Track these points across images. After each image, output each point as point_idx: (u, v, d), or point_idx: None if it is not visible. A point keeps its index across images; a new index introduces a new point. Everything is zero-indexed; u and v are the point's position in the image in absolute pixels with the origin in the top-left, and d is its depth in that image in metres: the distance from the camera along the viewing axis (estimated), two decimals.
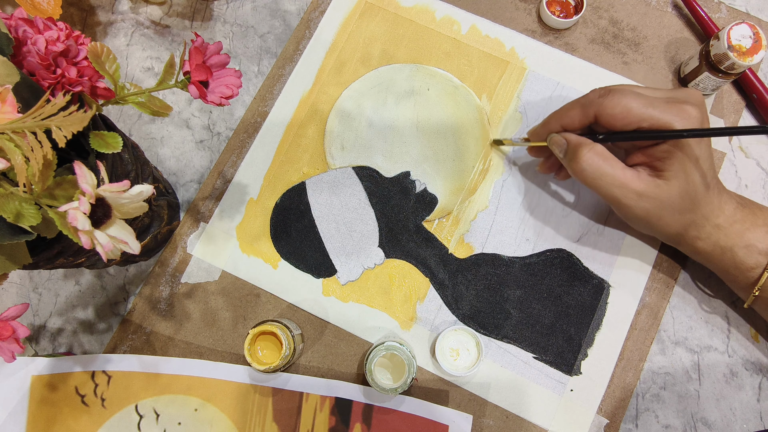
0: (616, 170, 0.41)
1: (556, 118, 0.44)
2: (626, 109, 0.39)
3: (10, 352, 0.31)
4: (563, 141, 0.43)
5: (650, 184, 0.40)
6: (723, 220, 0.42)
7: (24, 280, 0.51)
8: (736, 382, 0.47)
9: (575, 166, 0.42)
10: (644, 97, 0.40)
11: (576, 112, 0.42)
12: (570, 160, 0.42)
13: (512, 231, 0.50)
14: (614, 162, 0.41)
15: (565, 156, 0.43)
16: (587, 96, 0.42)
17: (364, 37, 0.55)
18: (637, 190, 0.40)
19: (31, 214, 0.27)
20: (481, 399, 0.47)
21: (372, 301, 0.49)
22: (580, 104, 0.42)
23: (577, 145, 0.42)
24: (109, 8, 0.57)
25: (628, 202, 0.41)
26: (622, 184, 0.40)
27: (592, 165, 0.41)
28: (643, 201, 0.41)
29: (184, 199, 0.52)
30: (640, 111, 0.39)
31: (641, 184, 0.40)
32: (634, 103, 0.39)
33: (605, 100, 0.40)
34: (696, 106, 0.39)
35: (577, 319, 0.48)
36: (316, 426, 0.46)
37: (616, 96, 0.40)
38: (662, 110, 0.39)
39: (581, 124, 0.42)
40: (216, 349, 0.48)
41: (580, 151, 0.41)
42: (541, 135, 0.46)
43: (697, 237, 0.42)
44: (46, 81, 0.31)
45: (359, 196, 0.51)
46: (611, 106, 0.40)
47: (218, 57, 0.36)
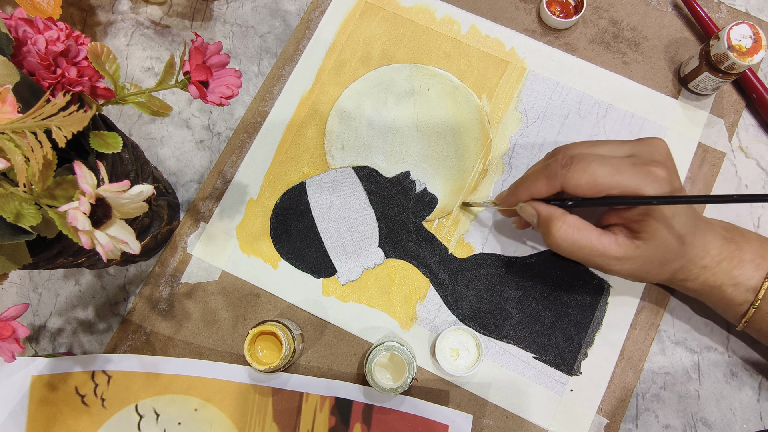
0: (592, 240, 0.40)
1: (524, 188, 0.43)
2: (592, 179, 0.38)
3: (10, 352, 0.31)
4: (533, 212, 0.42)
5: (629, 248, 0.40)
6: (709, 261, 0.41)
7: (24, 280, 0.51)
8: (736, 382, 0.47)
9: (550, 240, 0.41)
10: (609, 163, 0.38)
11: (542, 184, 0.41)
12: (544, 234, 0.41)
13: (512, 231, 0.50)
14: (589, 231, 0.40)
15: (538, 227, 0.42)
16: (550, 167, 0.40)
17: (364, 37, 0.55)
18: (616, 256, 0.40)
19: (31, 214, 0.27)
20: (481, 399, 0.47)
21: (372, 301, 0.49)
22: (545, 176, 0.41)
23: (547, 217, 0.41)
24: (109, 8, 0.57)
25: (611, 267, 0.41)
26: (600, 253, 0.40)
27: (568, 239, 0.40)
28: (626, 264, 0.40)
29: (184, 199, 0.52)
30: (607, 180, 0.38)
31: (620, 249, 0.40)
32: (600, 170, 0.38)
33: (569, 172, 0.39)
34: (662, 166, 0.38)
35: (577, 319, 0.48)
36: (316, 426, 0.46)
37: (580, 166, 0.38)
38: (630, 175, 0.37)
39: (548, 194, 0.41)
40: (216, 349, 0.48)
41: (553, 226, 0.40)
42: (509, 202, 0.45)
43: (686, 279, 0.42)
44: (46, 81, 0.31)
45: (359, 196, 0.51)
46: (576, 177, 0.38)
47: (218, 57, 0.36)
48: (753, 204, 0.51)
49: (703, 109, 0.52)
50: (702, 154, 0.51)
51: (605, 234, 0.40)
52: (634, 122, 0.52)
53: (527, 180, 0.42)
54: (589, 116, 0.52)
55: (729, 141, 0.52)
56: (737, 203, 0.37)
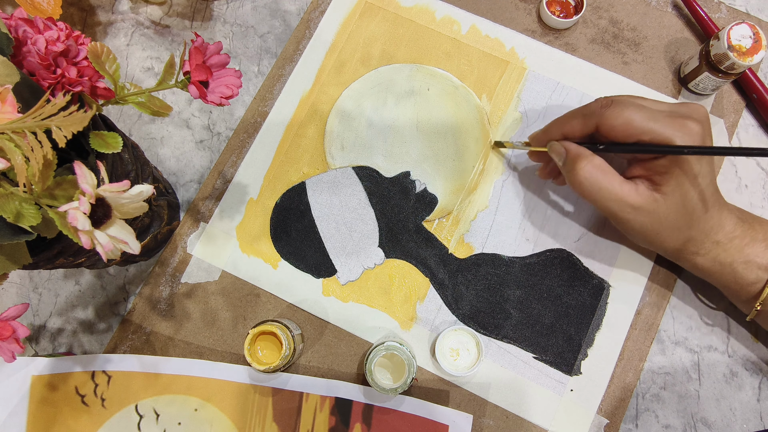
0: (613, 184, 0.40)
1: (557, 125, 0.43)
2: (627, 122, 0.39)
3: (10, 352, 0.31)
4: (563, 150, 0.42)
5: (648, 199, 0.40)
6: (722, 236, 0.41)
7: (24, 280, 0.51)
8: (736, 382, 0.47)
9: (573, 178, 0.41)
10: (647, 110, 0.39)
11: (577, 122, 0.42)
12: (568, 171, 0.42)
13: (512, 231, 0.50)
14: (612, 175, 0.40)
15: (564, 165, 0.42)
16: (590, 106, 0.41)
17: (364, 37, 0.55)
18: (634, 204, 0.40)
19: (31, 214, 0.27)
20: (481, 399, 0.47)
21: (372, 301, 0.49)
22: (582, 114, 0.41)
23: (575, 156, 0.41)
24: (109, 8, 0.57)
25: (625, 216, 0.41)
26: (618, 198, 0.40)
27: (590, 178, 0.40)
28: (640, 215, 0.40)
29: (184, 199, 0.52)
30: (642, 124, 0.38)
31: (638, 198, 0.40)
32: (636, 115, 0.39)
33: (607, 111, 0.40)
34: (698, 122, 0.39)
35: (577, 319, 0.48)
36: (316, 426, 0.46)
37: (618, 107, 0.39)
38: (664, 124, 0.38)
39: (582, 134, 0.42)
40: (216, 349, 0.48)
41: (579, 163, 0.41)
42: (541, 141, 0.45)
43: (696, 253, 0.42)
44: (46, 81, 0.31)
45: (359, 196, 0.51)
46: (613, 117, 0.39)
47: (218, 57, 0.36)
48: (753, 203, 0.51)
49: None
50: None
51: (627, 182, 0.41)
52: None
53: (563, 118, 0.43)
54: None
55: (729, 141, 0.52)
56: None
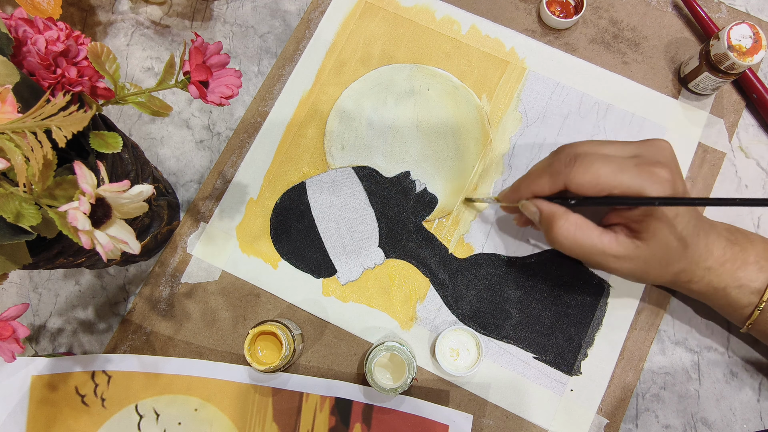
0: (593, 239, 0.40)
1: (526, 184, 0.43)
2: (595, 178, 0.38)
3: (10, 352, 0.31)
4: (535, 209, 0.42)
5: (629, 247, 0.40)
6: (713, 262, 0.41)
7: (24, 280, 0.51)
8: (736, 382, 0.47)
9: (551, 238, 0.41)
10: (612, 162, 0.38)
11: (545, 181, 0.41)
12: (546, 231, 0.42)
13: (512, 231, 0.50)
14: (590, 230, 0.40)
15: (540, 224, 0.42)
16: (554, 165, 0.40)
17: (364, 37, 0.55)
18: (616, 255, 0.40)
19: (31, 214, 0.27)
20: (481, 399, 0.47)
21: (372, 301, 0.49)
22: (548, 173, 0.41)
23: (549, 215, 0.41)
24: (109, 8, 0.57)
25: (611, 266, 0.41)
26: (600, 251, 0.40)
27: (569, 238, 0.40)
28: (625, 263, 0.40)
29: (184, 199, 0.52)
30: (610, 179, 0.38)
31: (620, 248, 0.40)
32: (603, 170, 0.38)
33: (572, 170, 0.39)
34: (666, 167, 0.38)
35: (577, 319, 0.48)
36: (316, 426, 0.46)
37: (584, 164, 0.39)
38: (632, 175, 0.37)
39: (551, 192, 0.41)
40: (216, 349, 0.48)
41: (555, 224, 0.40)
42: (511, 199, 0.45)
43: (690, 281, 0.42)
44: (46, 81, 0.31)
45: (359, 196, 0.51)
46: (579, 175, 0.38)
47: (218, 57, 0.36)
48: None
49: (703, 109, 0.52)
50: (702, 155, 0.51)
51: (606, 233, 0.40)
52: (634, 122, 0.52)
53: (530, 177, 0.42)
54: (589, 116, 0.52)
55: (729, 141, 0.52)
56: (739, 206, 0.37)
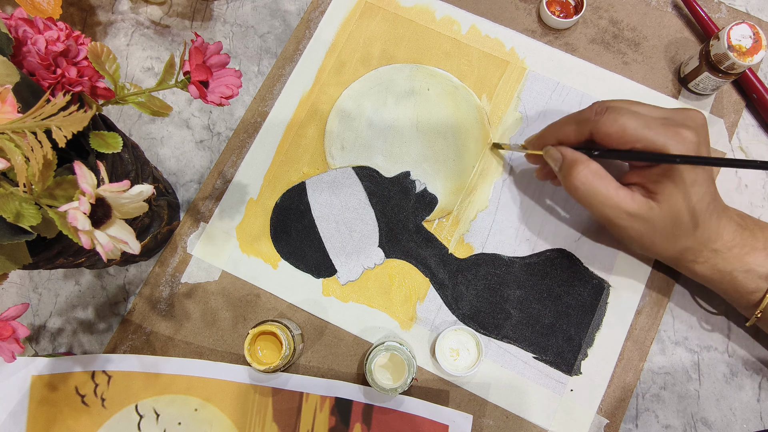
0: (609, 190, 0.40)
1: (552, 131, 0.43)
2: (621, 129, 0.39)
3: (10, 352, 0.31)
4: (559, 155, 0.42)
5: (643, 206, 0.40)
6: (721, 245, 0.41)
7: (24, 280, 0.51)
8: (736, 382, 0.47)
9: (569, 183, 0.41)
10: (641, 118, 0.39)
11: (571, 128, 0.41)
12: (564, 176, 0.42)
13: (512, 231, 0.50)
14: (608, 181, 0.40)
15: (561, 170, 0.42)
16: (584, 112, 0.41)
17: (364, 37, 0.55)
18: (629, 210, 0.40)
19: (31, 214, 0.27)
20: (481, 399, 0.47)
21: (372, 301, 0.49)
22: (576, 120, 0.41)
23: (572, 161, 0.41)
24: (109, 8, 0.57)
25: (620, 222, 0.40)
26: (614, 204, 0.40)
27: (586, 183, 0.40)
28: (636, 222, 0.40)
29: (184, 199, 0.52)
30: (636, 132, 0.38)
31: (634, 205, 0.40)
32: (631, 123, 0.38)
33: (601, 119, 0.40)
34: (693, 130, 0.38)
35: (577, 319, 0.48)
36: (316, 426, 0.46)
37: (613, 114, 0.39)
38: (658, 132, 0.38)
39: (576, 140, 0.42)
40: (216, 349, 0.48)
41: (575, 168, 0.41)
42: (537, 145, 0.45)
43: (694, 261, 0.42)
44: (46, 81, 0.31)
45: (359, 196, 0.51)
46: (607, 124, 0.39)
47: (218, 57, 0.36)
48: (753, 203, 0.51)
49: (703, 109, 0.52)
50: None
51: (623, 188, 0.40)
52: None
53: (558, 124, 0.43)
54: None
55: (729, 141, 0.52)
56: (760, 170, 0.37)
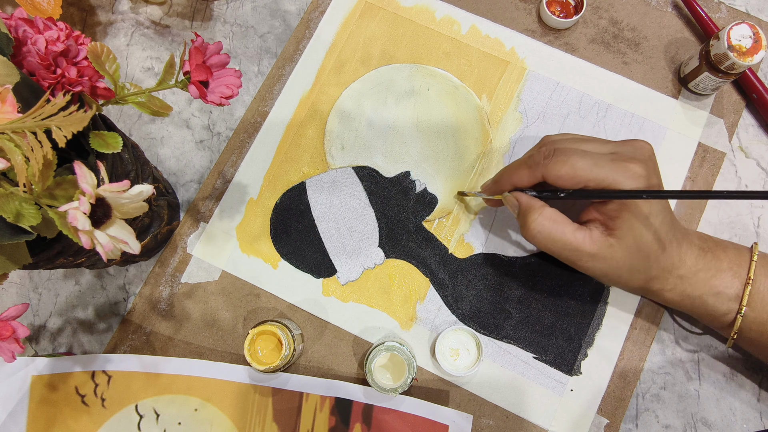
0: (566, 234, 0.40)
1: (507, 176, 0.43)
2: (572, 170, 0.39)
3: (10, 352, 0.31)
4: (515, 202, 0.43)
5: (603, 245, 0.40)
6: (685, 271, 0.41)
7: (24, 280, 0.51)
8: (736, 382, 0.47)
9: (526, 231, 0.41)
10: (589, 156, 0.39)
11: (524, 173, 0.42)
12: (522, 224, 0.42)
13: (512, 231, 0.50)
14: (565, 225, 0.40)
15: (518, 217, 0.42)
16: (534, 156, 0.41)
17: (364, 37, 0.55)
18: (589, 252, 0.40)
19: (31, 214, 0.27)
20: (481, 399, 0.47)
21: (372, 301, 0.49)
22: (528, 165, 0.41)
23: (526, 208, 0.41)
24: (109, 8, 0.57)
25: (583, 264, 0.41)
26: (573, 248, 0.40)
27: (542, 231, 0.40)
28: (598, 262, 0.40)
29: (184, 199, 0.52)
30: (585, 172, 0.38)
31: (593, 246, 0.40)
32: (579, 163, 0.39)
33: (550, 162, 0.40)
34: (641, 163, 0.39)
35: (577, 319, 0.48)
36: (316, 426, 0.46)
37: (561, 157, 0.39)
38: (608, 170, 0.38)
39: (530, 184, 0.42)
40: (216, 349, 0.48)
41: (530, 216, 0.41)
42: (493, 191, 0.45)
43: (663, 289, 0.42)
44: (46, 81, 0.31)
45: (359, 196, 0.51)
46: (557, 167, 0.39)
47: (218, 57, 0.36)
48: (753, 203, 0.51)
49: (703, 109, 0.52)
50: (702, 154, 0.51)
51: (581, 229, 0.41)
52: (634, 122, 0.52)
53: (510, 168, 0.43)
54: (589, 116, 0.52)
55: (729, 141, 0.52)
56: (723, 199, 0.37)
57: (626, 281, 0.41)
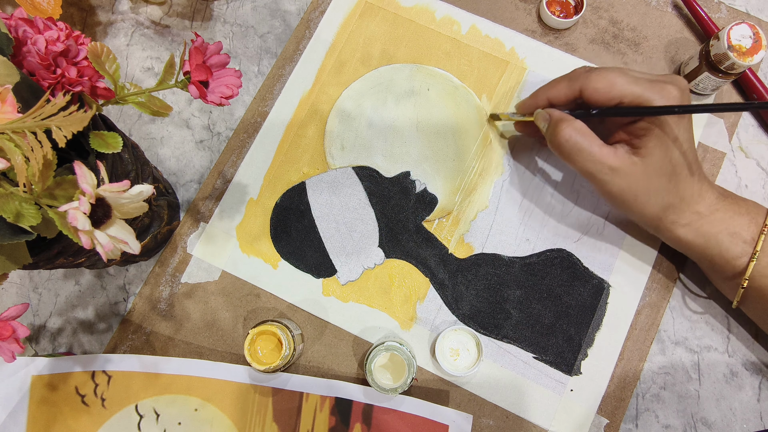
0: (592, 146, 0.41)
1: (544, 90, 0.45)
2: (609, 84, 0.40)
3: (10, 352, 0.31)
4: (547, 116, 0.44)
5: (626, 161, 0.41)
6: (704, 208, 0.42)
7: (24, 280, 0.51)
8: (736, 382, 0.47)
9: (554, 140, 0.43)
10: (628, 75, 0.41)
11: (562, 86, 0.43)
12: (550, 135, 0.43)
13: (512, 231, 0.50)
14: (592, 138, 0.42)
15: (547, 131, 0.44)
16: (575, 70, 0.44)
17: (364, 37, 0.55)
18: (611, 165, 0.41)
19: (31, 214, 0.27)
20: (481, 399, 0.47)
21: (372, 301, 0.49)
22: (567, 78, 0.43)
23: (557, 120, 0.43)
24: (109, 8, 0.57)
25: (603, 177, 0.41)
26: (597, 159, 0.41)
27: (570, 140, 0.41)
28: (618, 177, 0.41)
29: (184, 199, 0.52)
30: (623, 87, 0.40)
31: (616, 160, 0.41)
32: (618, 79, 0.40)
33: (591, 75, 0.41)
34: (678, 88, 0.40)
35: (577, 319, 0.48)
36: (316, 426, 0.46)
37: (602, 72, 0.41)
38: (644, 88, 0.40)
39: (567, 98, 0.43)
40: (216, 349, 0.48)
41: (560, 126, 0.42)
42: (529, 107, 0.47)
43: (677, 222, 0.42)
44: (46, 81, 0.31)
45: (359, 196, 0.51)
46: (596, 80, 0.41)
47: (218, 57, 0.36)
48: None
49: None
50: (702, 154, 0.51)
51: (606, 145, 0.42)
52: None
53: (549, 84, 0.45)
54: None
55: (729, 141, 0.52)
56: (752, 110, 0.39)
57: (642, 205, 0.42)
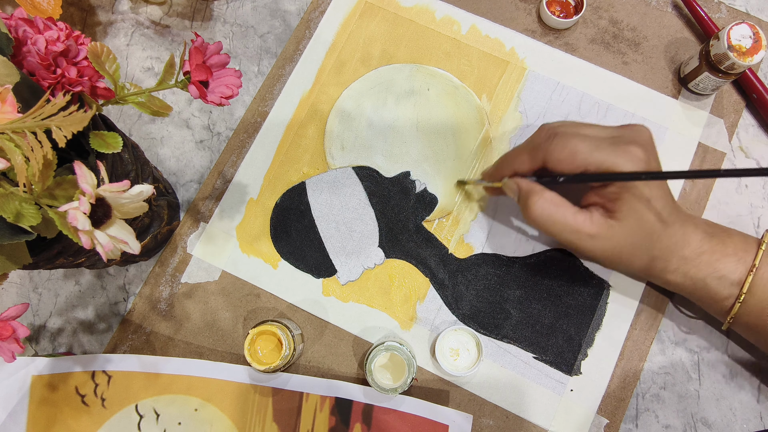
0: (566, 216, 0.40)
1: (507, 162, 0.44)
2: (571, 154, 0.39)
3: (10, 352, 0.31)
4: (515, 187, 0.43)
5: (603, 226, 0.40)
6: (689, 252, 0.41)
7: (24, 280, 0.51)
8: (736, 382, 0.47)
9: (527, 214, 0.42)
10: (590, 140, 0.39)
11: (525, 158, 0.42)
12: (523, 208, 0.42)
13: (512, 231, 0.50)
14: (565, 208, 0.41)
15: (519, 202, 0.43)
16: (534, 139, 0.42)
17: (364, 37, 0.55)
18: (590, 233, 0.40)
19: (31, 214, 0.27)
20: (481, 399, 0.47)
21: (372, 301, 0.49)
22: (528, 150, 0.42)
23: (527, 192, 0.42)
24: (109, 8, 0.57)
25: (584, 245, 0.41)
26: (574, 229, 0.40)
27: (543, 214, 0.41)
28: (598, 242, 0.40)
29: (184, 199, 0.52)
30: (585, 156, 0.39)
31: (593, 227, 0.40)
32: (580, 146, 0.39)
33: (551, 145, 0.40)
34: (641, 147, 0.39)
35: (577, 319, 0.48)
36: (316, 426, 0.46)
37: (562, 140, 0.40)
38: (607, 152, 0.39)
39: (530, 168, 0.42)
40: (216, 349, 0.48)
41: (531, 199, 0.41)
42: (494, 177, 0.46)
43: (665, 270, 0.42)
44: (46, 81, 0.31)
45: (359, 196, 0.51)
46: (557, 150, 0.40)
47: (218, 57, 0.36)
48: (753, 203, 0.51)
49: (703, 109, 0.52)
50: (702, 154, 0.51)
51: (581, 212, 0.41)
52: (634, 122, 0.52)
53: (511, 154, 0.44)
54: (589, 116, 0.52)
55: (729, 141, 0.52)
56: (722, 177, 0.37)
57: (628, 262, 0.41)
